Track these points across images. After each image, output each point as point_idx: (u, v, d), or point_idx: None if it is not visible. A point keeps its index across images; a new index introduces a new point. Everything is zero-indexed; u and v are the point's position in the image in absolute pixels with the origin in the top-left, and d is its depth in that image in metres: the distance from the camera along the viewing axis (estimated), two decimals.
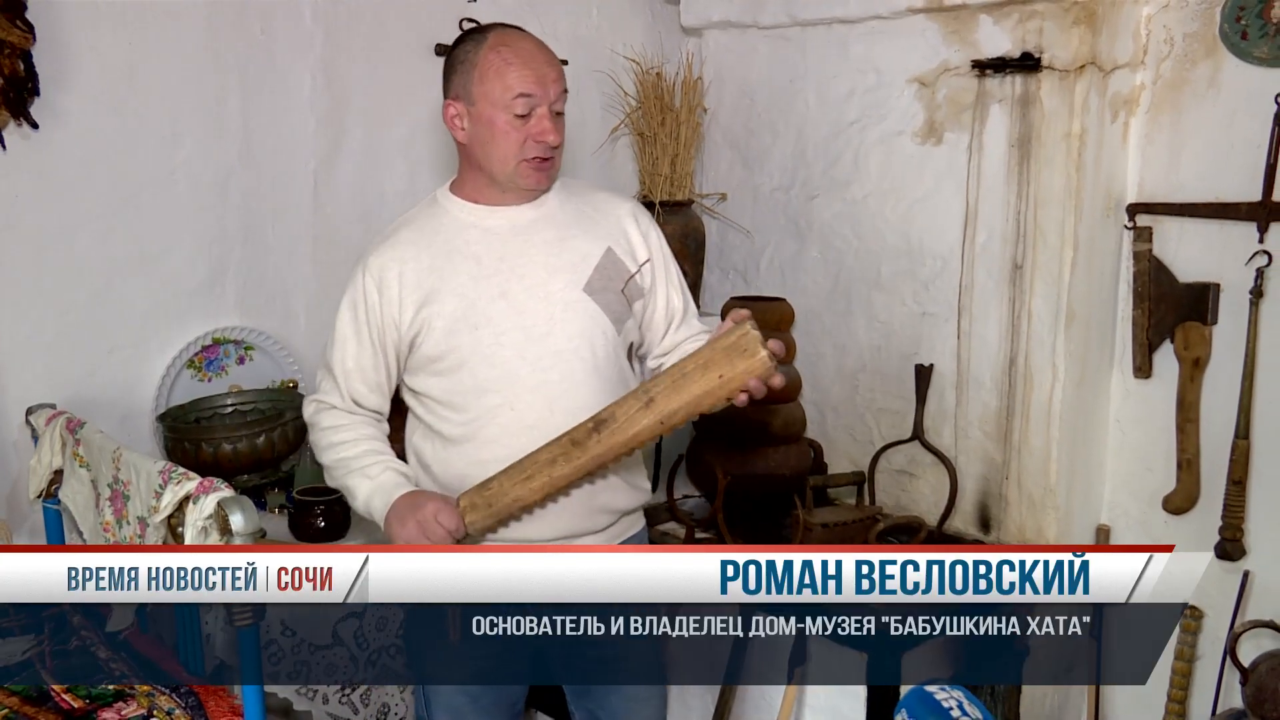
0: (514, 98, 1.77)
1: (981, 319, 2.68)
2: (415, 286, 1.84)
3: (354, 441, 1.87)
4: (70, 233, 2.43)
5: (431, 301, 1.82)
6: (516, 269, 1.84)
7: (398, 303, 1.84)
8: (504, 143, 1.80)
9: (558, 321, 1.83)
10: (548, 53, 1.82)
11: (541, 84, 1.78)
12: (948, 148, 2.71)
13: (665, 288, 1.98)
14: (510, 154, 1.80)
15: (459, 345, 1.82)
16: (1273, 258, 2.41)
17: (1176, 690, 2.60)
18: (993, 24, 2.58)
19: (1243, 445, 2.47)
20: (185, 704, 1.94)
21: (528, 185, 1.85)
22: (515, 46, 1.80)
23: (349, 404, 1.90)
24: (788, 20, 2.98)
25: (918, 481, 2.86)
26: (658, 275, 1.96)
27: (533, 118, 1.79)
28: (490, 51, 1.80)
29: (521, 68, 1.78)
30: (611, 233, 1.91)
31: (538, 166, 1.82)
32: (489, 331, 1.82)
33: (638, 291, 1.93)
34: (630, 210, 1.96)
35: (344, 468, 1.87)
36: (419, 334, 1.84)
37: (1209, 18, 2.45)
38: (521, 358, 1.82)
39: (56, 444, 2.27)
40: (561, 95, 1.82)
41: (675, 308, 1.99)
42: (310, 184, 2.76)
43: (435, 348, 1.83)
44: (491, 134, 1.81)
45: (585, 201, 1.94)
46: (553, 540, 1.86)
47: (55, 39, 2.34)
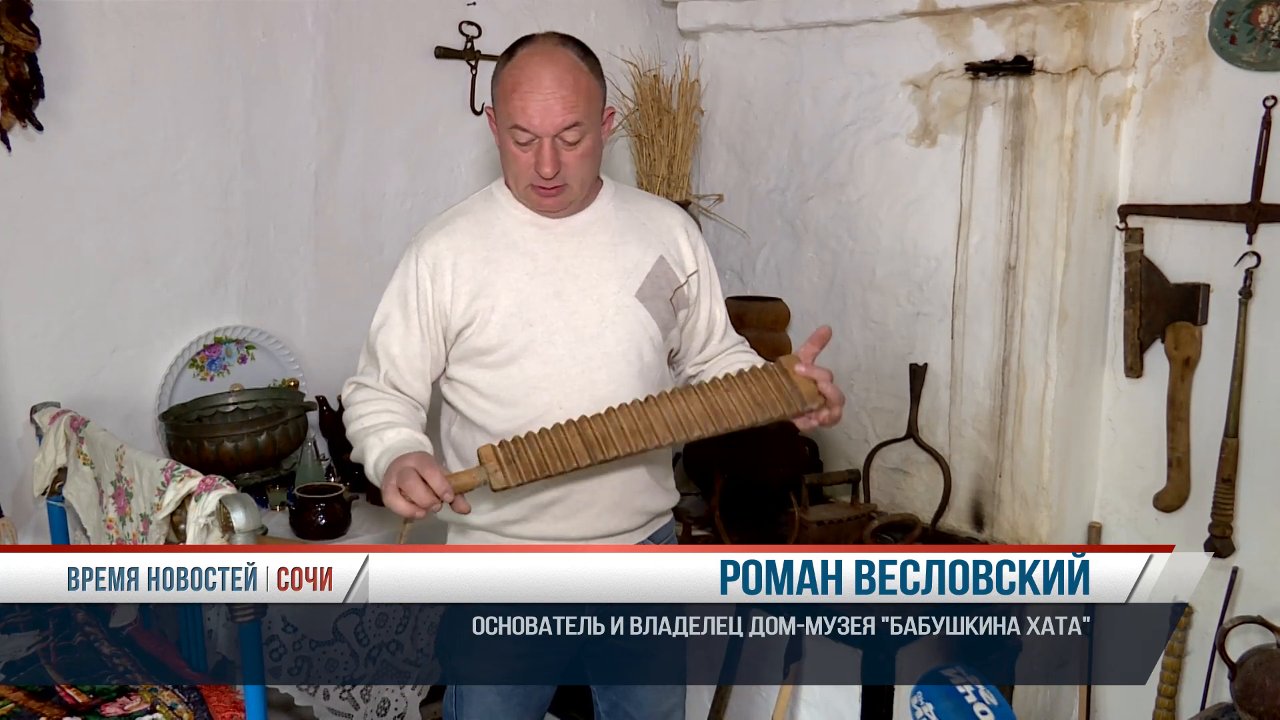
0: (512, 127, 1.77)
1: (975, 319, 2.70)
2: (470, 277, 1.83)
3: (378, 412, 1.82)
4: (74, 234, 2.45)
5: (485, 294, 1.82)
6: (571, 270, 1.85)
7: (450, 291, 1.83)
8: (514, 165, 1.80)
9: (609, 324, 1.84)
10: (562, 80, 1.75)
11: (542, 116, 1.74)
12: (942, 150, 2.73)
13: (709, 301, 2.02)
14: (520, 176, 1.81)
15: (511, 340, 1.82)
16: (1261, 259, 2.43)
17: (1166, 685, 2.62)
18: (986, 27, 2.61)
19: (1232, 444, 2.49)
20: (188, 699, 1.96)
21: (536, 209, 1.86)
22: (529, 72, 1.75)
23: (384, 386, 1.86)
24: (784, 23, 3.00)
25: (912, 480, 2.88)
26: (703, 288, 2.00)
27: (532, 147, 1.77)
28: (507, 74, 1.78)
29: (523, 99, 1.74)
30: (664, 242, 1.94)
31: (542, 194, 1.81)
32: (542, 329, 1.82)
33: (683, 301, 1.96)
34: (681, 221, 1.99)
35: (364, 434, 1.81)
36: (469, 325, 1.83)
37: (1198, 22, 2.47)
38: (572, 357, 1.82)
39: (60, 442, 2.28)
40: (570, 129, 1.76)
41: (717, 320, 2.04)
42: (311, 186, 2.79)
43: (487, 341, 1.82)
44: (504, 153, 1.82)
45: (638, 209, 1.96)
46: (588, 539, 1.88)
47: (60, 42, 2.36)
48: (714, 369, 2.02)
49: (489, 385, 1.84)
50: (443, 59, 2.93)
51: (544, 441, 1.70)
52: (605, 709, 2.08)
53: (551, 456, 1.69)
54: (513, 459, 1.68)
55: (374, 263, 2.89)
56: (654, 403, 1.74)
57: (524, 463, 1.68)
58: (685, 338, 2.02)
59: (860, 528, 2.58)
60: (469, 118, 3.00)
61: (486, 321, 1.82)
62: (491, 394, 1.85)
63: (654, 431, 1.71)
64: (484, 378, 1.85)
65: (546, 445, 1.70)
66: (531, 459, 1.68)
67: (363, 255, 2.89)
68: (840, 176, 2.94)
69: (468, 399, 1.88)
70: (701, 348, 2.05)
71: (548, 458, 1.69)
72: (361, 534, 2.51)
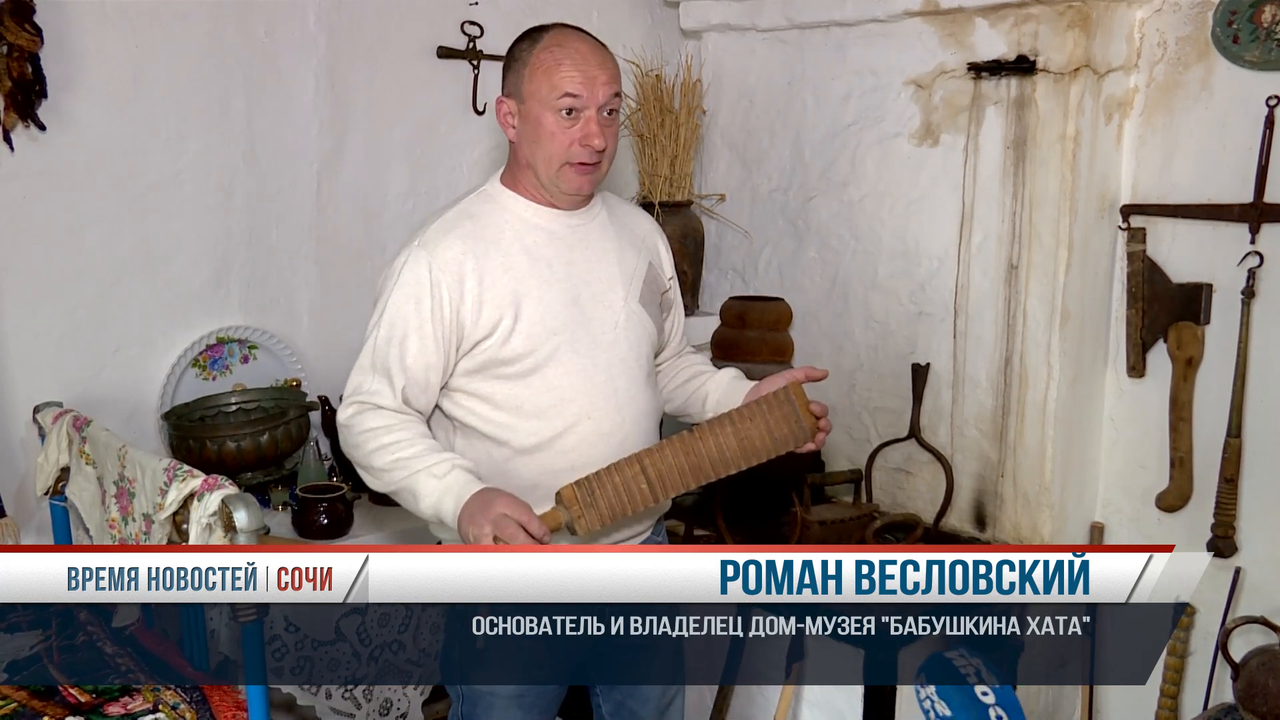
0: (560, 97, 1.74)
1: (977, 319, 2.70)
2: (491, 285, 1.78)
3: (410, 440, 1.75)
4: (77, 233, 2.46)
5: (508, 303, 1.78)
6: (583, 276, 1.84)
7: (472, 299, 1.77)
8: (550, 144, 1.77)
9: (621, 330, 1.85)
10: (602, 54, 1.79)
11: (590, 85, 1.75)
12: (944, 149, 2.73)
13: (677, 306, 2.07)
14: (556, 156, 1.78)
15: (537, 349, 1.78)
16: (1264, 258, 2.43)
17: (1169, 686, 2.62)
18: (988, 27, 2.60)
19: (1234, 444, 2.49)
20: (190, 698, 1.96)
21: (569, 189, 1.82)
22: (567, 46, 1.77)
23: (399, 403, 1.78)
24: (786, 23, 3.00)
25: (914, 479, 2.88)
26: (674, 293, 2.04)
27: (580, 119, 1.76)
28: (543, 51, 1.77)
29: (570, 68, 1.75)
30: (648, 247, 1.97)
31: (581, 171, 1.79)
32: (566, 337, 1.80)
33: (667, 306, 2.00)
34: (655, 227, 2.04)
35: (403, 469, 1.73)
36: (490, 335, 1.78)
37: (1201, 22, 2.47)
38: (595, 364, 1.81)
39: (63, 442, 2.29)
40: (613, 98, 1.78)
41: (680, 323, 2.10)
42: (313, 185, 2.79)
43: (512, 350, 1.78)
44: (538, 134, 1.78)
45: (623, 214, 1.97)
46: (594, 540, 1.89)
47: (63, 42, 2.36)
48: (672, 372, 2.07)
49: (509, 397, 1.80)
50: (445, 59, 2.93)
51: (613, 480, 1.75)
52: (610, 710, 2.08)
53: (623, 500, 1.75)
54: (592, 503, 1.74)
55: (376, 262, 2.89)
56: (699, 438, 1.79)
57: (599, 508, 1.74)
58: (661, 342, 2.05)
59: (862, 528, 2.58)
60: (471, 117, 3.00)
61: (510, 331, 1.78)
62: (511, 406, 1.80)
63: (701, 470, 1.78)
64: (502, 390, 1.80)
65: (615, 486, 1.75)
66: (605, 503, 1.75)
67: (364, 255, 2.89)
68: (842, 176, 2.94)
69: (478, 412, 1.82)
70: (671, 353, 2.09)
71: (621, 501, 1.75)
72: (364, 533, 2.52)
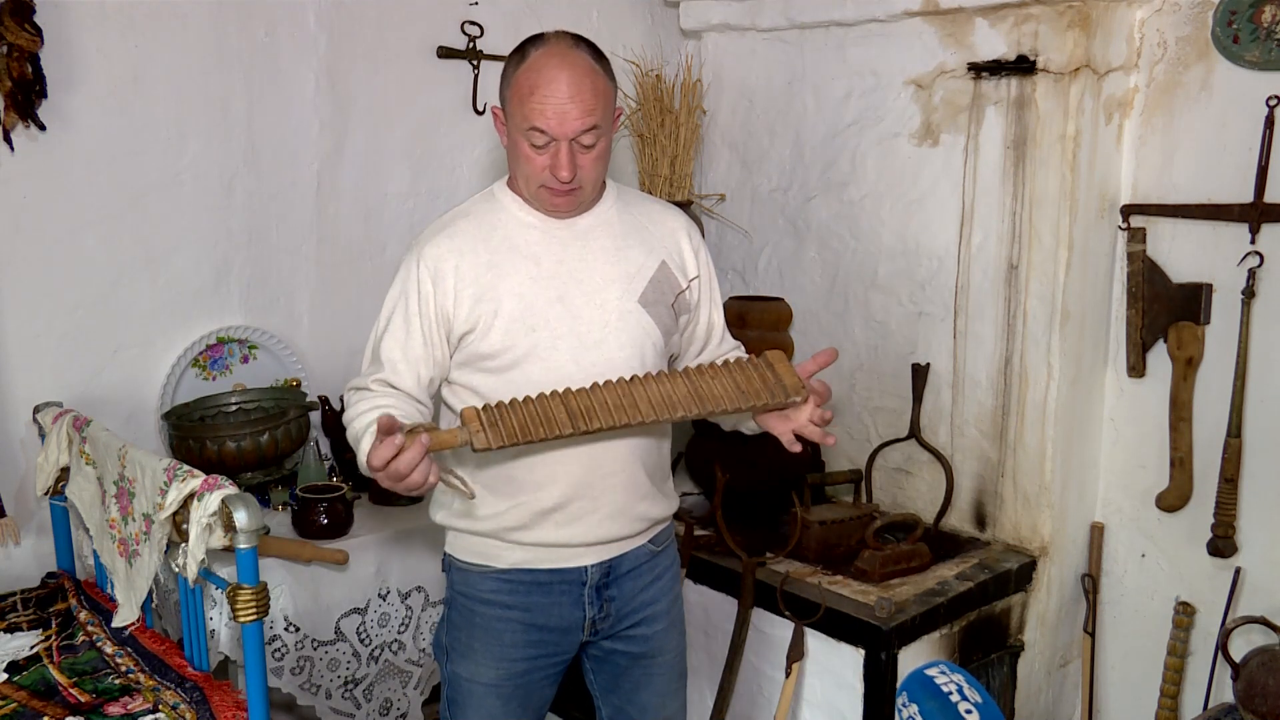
0: (529, 129, 1.75)
1: (977, 319, 2.70)
2: (473, 281, 1.81)
3: (375, 409, 1.76)
4: (77, 233, 2.46)
5: (488, 298, 1.81)
6: (575, 274, 1.84)
7: (453, 295, 1.81)
8: (526, 166, 1.79)
9: (611, 330, 1.84)
10: (579, 84, 1.73)
11: (560, 120, 1.72)
12: (944, 149, 2.73)
13: (709, 306, 2.02)
14: (532, 177, 1.80)
15: (514, 345, 1.81)
16: (1264, 258, 2.43)
17: (1169, 685, 2.62)
18: (988, 27, 2.61)
19: (1235, 444, 2.49)
20: (190, 699, 1.96)
21: (546, 209, 1.85)
22: (546, 75, 1.72)
23: (385, 388, 1.83)
24: (786, 23, 3.00)
25: (914, 479, 2.88)
26: (703, 293, 2.00)
27: (549, 149, 1.76)
28: (523, 74, 1.75)
29: (541, 100, 1.72)
30: (666, 246, 1.94)
31: (556, 193, 1.80)
32: (546, 334, 1.81)
33: (685, 306, 1.96)
34: (684, 225, 1.99)
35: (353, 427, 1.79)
36: (472, 330, 1.81)
37: (1201, 22, 2.47)
38: (575, 363, 1.81)
39: (63, 442, 2.29)
40: (587, 132, 1.74)
41: (715, 325, 2.05)
42: (314, 185, 2.79)
43: (490, 346, 1.81)
44: (516, 154, 1.80)
45: (641, 212, 1.95)
46: (589, 545, 1.89)
47: (63, 42, 2.37)
48: None
49: (492, 390, 1.83)
50: (445, 59, 2.93)
51: (528, 408, 1.70)
52: (608, 714, 2.08)
53: (535, 423, 1.68)
54: (495, 422, 1.67)
55: (376, 262, 2.90)
56: (640, 381, 1.75)
57: (506, 427, 1.67)
58: (684, 342, 2.03)
59: (862, 528, 2.58)
60: (471, 117, 3.00)
61: (489, 326, 1.81)
62: (493, 399, 1.82)
63: (638, 408, 1.72)
64: (486, 382, 1.84)
65: (530, 412, 1.69)
66: (514, 424, 1.67)
67: (365, 255, 2.90)
68: (842, 176, 2.94)
69: (469, 403, 1.84)
70: (699, 352, 2.06)
71: (530, 424, 1.68)
72: (364, 533, 2.52)
